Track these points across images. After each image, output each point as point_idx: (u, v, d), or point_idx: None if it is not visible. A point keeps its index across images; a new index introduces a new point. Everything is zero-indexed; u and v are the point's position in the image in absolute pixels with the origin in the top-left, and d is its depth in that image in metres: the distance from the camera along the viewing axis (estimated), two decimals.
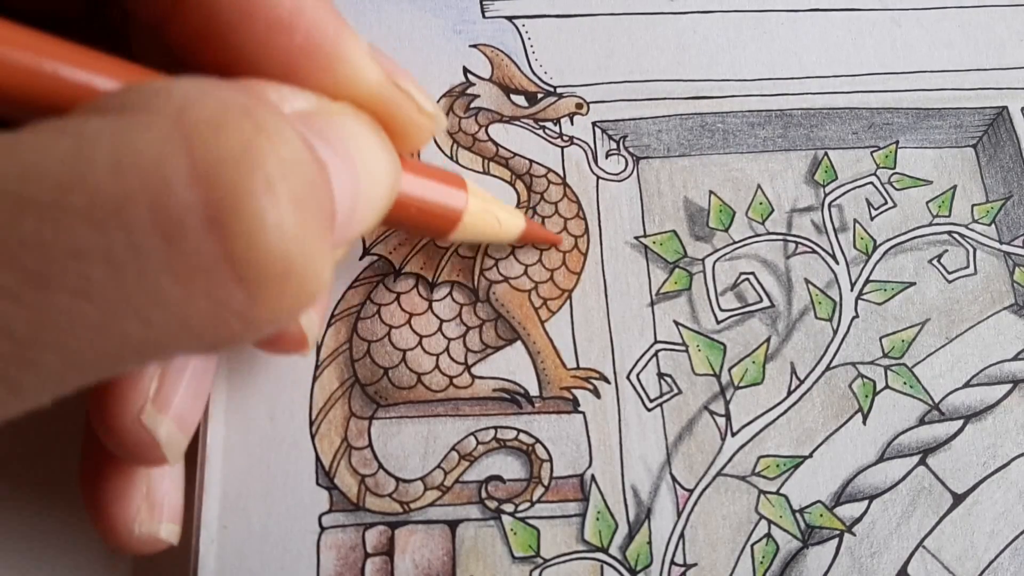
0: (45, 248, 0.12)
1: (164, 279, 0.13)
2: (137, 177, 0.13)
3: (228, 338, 0.15)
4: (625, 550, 0.25)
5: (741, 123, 0.30)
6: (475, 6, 0.31)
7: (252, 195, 0.13)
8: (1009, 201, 0.29)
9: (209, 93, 0.14)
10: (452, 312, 0.27)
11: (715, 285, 0.28)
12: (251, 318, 0.14)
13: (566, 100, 0.30)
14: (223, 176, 0.13)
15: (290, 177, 0.14)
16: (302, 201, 0.14)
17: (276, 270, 0.14)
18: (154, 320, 0.13)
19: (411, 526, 0.25)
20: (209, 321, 0.14)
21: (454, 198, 0.24)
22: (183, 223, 0.13)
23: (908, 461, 0.26)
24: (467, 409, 0.26)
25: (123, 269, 0.13)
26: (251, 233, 0.13)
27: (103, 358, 0.14)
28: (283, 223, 0.14)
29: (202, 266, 0.13)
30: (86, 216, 0.13)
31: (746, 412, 0.26)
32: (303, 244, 0.14)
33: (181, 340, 0.14)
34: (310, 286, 0.15)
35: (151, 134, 0.13)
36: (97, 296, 0.13)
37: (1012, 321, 0.28)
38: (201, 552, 0.24)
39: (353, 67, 0.18)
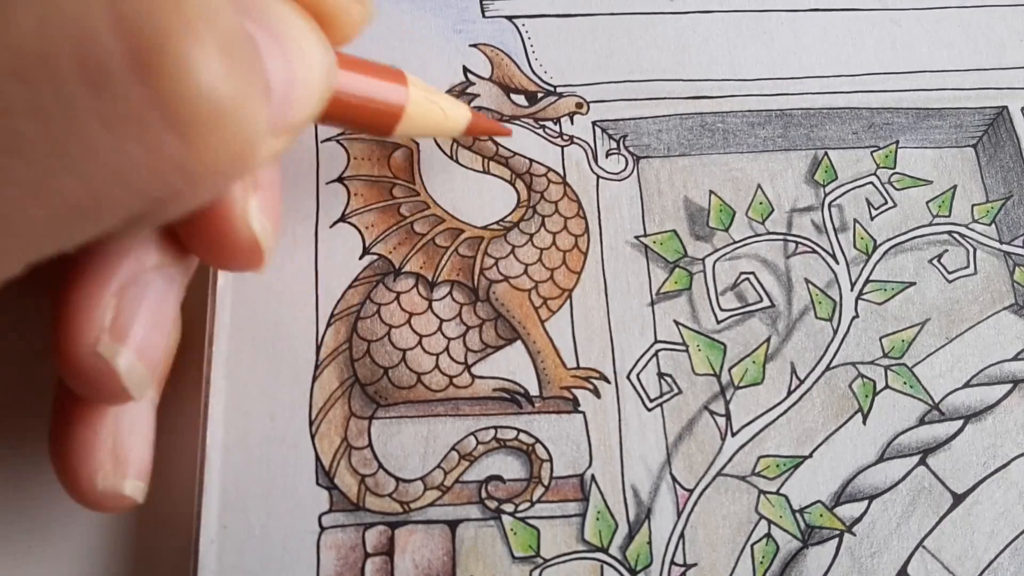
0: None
1: (94, 128, 0.13)
2: (60, 29, 0.13)
3: (167, 190, 0.15)
4: (625, 550, 0.25)
5: (741, 123, 0.30)
6: (475, 5, 0.31)
7: (177, 37, 0.13)
8: (1009, 201, 0.29)
9: None
10: (452, 312, 0.27)
11: (715, 285, 0.28)
12: (188, 168, 0.14)
13: (566, 99, 0.30)
14: (146, 21, 0.13)
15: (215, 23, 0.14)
16: (229, 48, 0.14)
17: (206, 113, 0.14)
18: (89, 174, 0.13)
19: (411, 526, 0.25)
20: (145, 171, 0.14)
21: (395, 92, 0.24)
22: (108, 69, 0.13)
23: (908, 461, 0.26)
24: (467, 409, 0.26)
25: (52, 121, 0.13)
26: (178, 75, 0.13)
27: (45, 222, 0.14)
28: (210, 65, 0.14)
29: (131, 111, 0.13)
30: (11, 71, 0.13)
31: (746, 412, 0.26)
32: (232, 88, 0.14)
33: (120, 195, 0.14)
34: (243, 134, 0.15)
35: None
36: (28, 152, 0.13)
37: (1012, 321, 0.28)
38: (201, 552, 0.24)
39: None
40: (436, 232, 0.28)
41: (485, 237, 0.28)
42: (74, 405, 0.22)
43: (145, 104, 0.13)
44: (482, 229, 0.28)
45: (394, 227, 0.28)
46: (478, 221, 0.28)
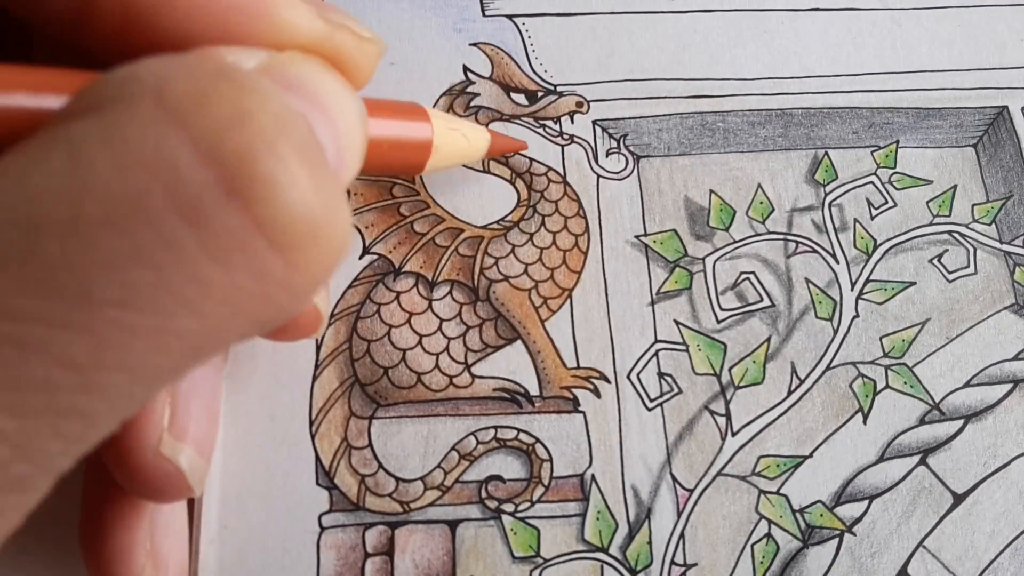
0: (77, 266, 0.12)
1: (203, 264, 0.13)
2: (143, 169, 0.12)
3: (275, 312, 0.14)
4: (625, 550, 0.25)
5: (741, 122, 0.30)
6: (475, 4, 0.31)
7: (260, 158, 0.13)
8: (1009, 201, 0.29)
9: (177, 66, 0.14)
10: (452, 311, 0.27)
11: (715, 284, 0.28)
12: (293, 286, 0.14)
13: (566, 99, 0.30)
14: (226, 146, 0.13)
15: (287, 132, 0.14)
16: (305, 154, 0.14)
17: (305, 228, 0.14)
18: (205, 310, 0.13)
19: (411, 526, 0.25)
20: (255, 297, 0.14)
21: (421, 128, 0.23)
22: (203, 202, 0.13)
23: (908, 461, 0.26)
24: (467, 409, 0.26)
25: (160, 265, 0.12)
26: (272, 196, 0.13)
27: (166, 363, 0.13)
28: (297, 180, 0.13)
29: (236, 241, 0.13)
30: (106, 222, 0.12)
31: (746, 412, 0.26)
32: (321, 197, 0.14)
33: (234, 324, 0.14)
34: (339, 240, 0.14)
35: (139, 122, 0.13)
36: (143, 300, 0.12)
37: (1012, 321, 0.28)
38: (201, 552, 0.24)
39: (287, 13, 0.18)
40: (436, 232, 0.28)
41: (485, 236, 0.28)
42: (109, 507, 0.21)
43: (247, 232, 0.13)
44: (482, 228, 0.28)
45: (394, 227, 0.28)
46: (478, 220, 0.28)
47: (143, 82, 0.13)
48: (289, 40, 0.18)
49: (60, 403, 0.12)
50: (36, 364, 0.12)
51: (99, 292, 0.12)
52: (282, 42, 0.18)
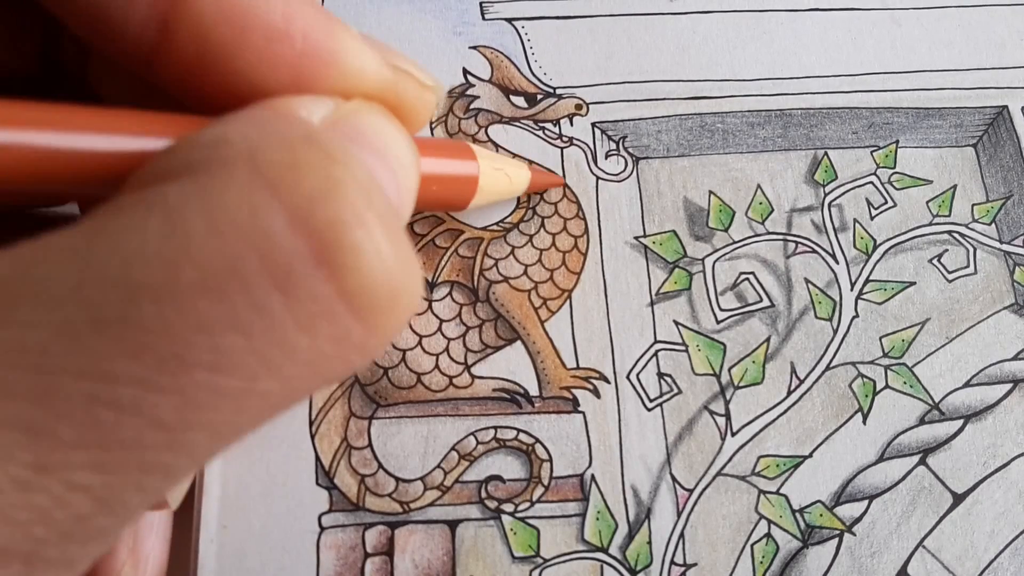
0: (171, 329, 0.12)
1: (290, 331, 0.13)
2: (238, 236, 0.13)
3: (347, 372, 0.15)
4: (625, 550, 0.25)
5: (741, 123, 0.30)
6: (475, 8, 0.31)
7: (349, 227, 0.13)
8: (1009, 200, 0.29)
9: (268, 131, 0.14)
10: (452, 312, 0.27)
11: (715, 285, 0.28)
12: (368, 347, 0.14)
13: (565, 101, 0.30)
14: (318, 214, 0.13)
15: (372, 201, 0.14)
16: (386, 221, 0.14)
17: (386, 295, 0.14)
18: (287, 373, 0.13)
19: (411, 526, 0.25)
20: (333, 361, 0.14)
21: (467, 167, 0.24)
22: (294, 271, 0.13)
23: (908, 461, 0.26)
24: (467, 409, 0.26)
25: (251, 331, 0.13)
26: (358, 266, 0.13)
27: (247, 422, 0.14)
28: (380, 248, 0.14)
29: (322, 310, 0.13)
30: (202, 288, 0.12)
31: (746, 412, 0.26)
32: (401, 262, 0.14)
33: (310, 385, 0.14)
34: (415, 300, 0.15)
35: (234, 189, 0.13)
36: (233, 364, 0.13)
37: (1012, 321, 0.27)
38: (201, 552, 0.24)
39: (354, 60, 0.18)
40: (436, 233, 0.28)
41: (485, 238, 0.28)
42: None
43: (332, 300, 0.13)
44: (482, 230, 0.28)
45: None
46: (478, 222, 0.28)
47: (236, 147, 0.14)
48: (356, 87, 0.18)
49: (146, 461, 0.13)
50: (128, 425, 0.12)
51: (191, 356, 0.12)
52: (349, 88, 0.18)
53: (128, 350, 0.12)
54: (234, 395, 0.13)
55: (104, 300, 0.12)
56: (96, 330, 0.12)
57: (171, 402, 0.12)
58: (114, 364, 0.12)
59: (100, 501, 0.13)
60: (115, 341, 0.12)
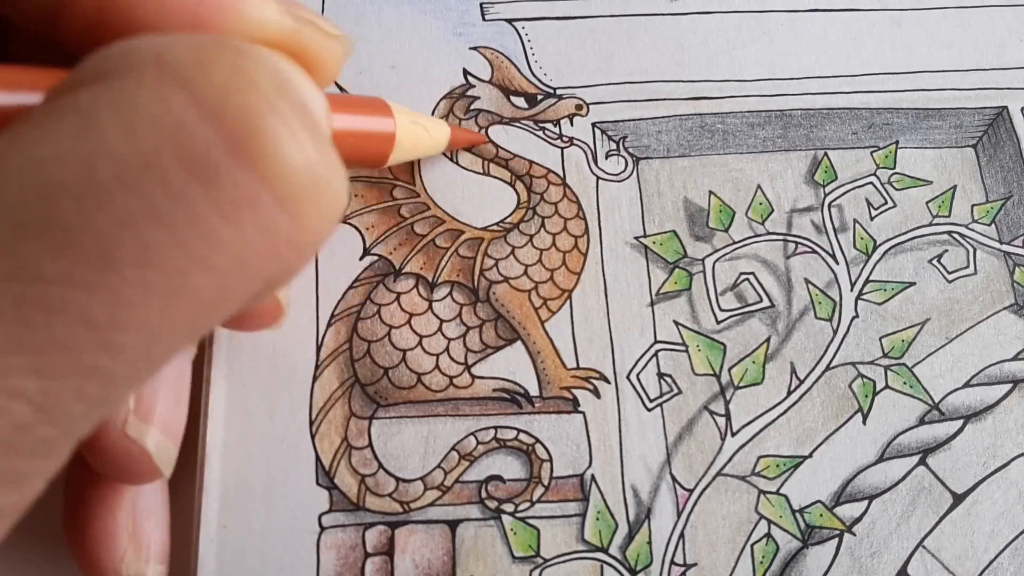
0: (95, 227, 0.12)
1: (215, 221, 0.13)
2: (152, 130, 0.13)
3: (282, 270, 0.15)
4: (625, 550, 0.25)
5: (741, 123, 0.30)
6: (475, 9, 0.31)
7: (262, 116, 0.13)
8: (1009, 201, 0.29)
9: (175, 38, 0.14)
10: (452, 312, 0.27)
11: (715, 285, 0.28)
12: (298, 242, 0.14)
13: (566, 102, 0.30)
14: (229, 105, 0.13)
15: (286, 92, 0.14)
16: (303, 113, 0.14)
17: (309, 184, 0.14)
18: (217, 266, 0.13)
19: (411, 526, 0.25)
20: (264, 255, 0.14)
21: (383, 123, 0.24)
22: (212, 160, 0.13)
23: (908, 461, 0.26)
24: (467, 409, 0.26)
25: (174, 223, 0.13)
26: (276, 152, 0.14)
27: (182, 323, 0.14)
28: (298, 136, 0.14)
29: (244, 197, 0.13)
30: (120, 183, 0.12)
31: (746, 412, 0.26)
32: (321, 152, 0.14)
33: (244, 283, 0.14)
34: (340, 195, 0.15)
35: (145, 87, 0.13)
36: (159, 258, 0.13)
37: (1012, 321, 0.27)
38: (201, 552, 0.24)
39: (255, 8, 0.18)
40: (436, 233, 0.28)
41: (485, 238, 0.28)
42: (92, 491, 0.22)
43: (255, 188, 0.13)
44: (482, 230, 0.28)
45: (394, 228, 0.28)
46: (478, 222, 0.28)
47: (144, 52, 0.14)
48: (256, 35, 0.18)
49: (81, 363, 0.13)
50: (58, 325, 0.12)
51: (116, 251, 0.12)
52: (249, 37, 0.18)
53: (52, 249, 0.12)
54: (164, 291, 0.13)
55: (22, 202, 0.12)
56: (17, 231, 0.12)
57: (100, 299, 0.12)
58: (39, 264, 0.12)
59: (40, 408, 0.13)
60: (37, 241, 0.12)
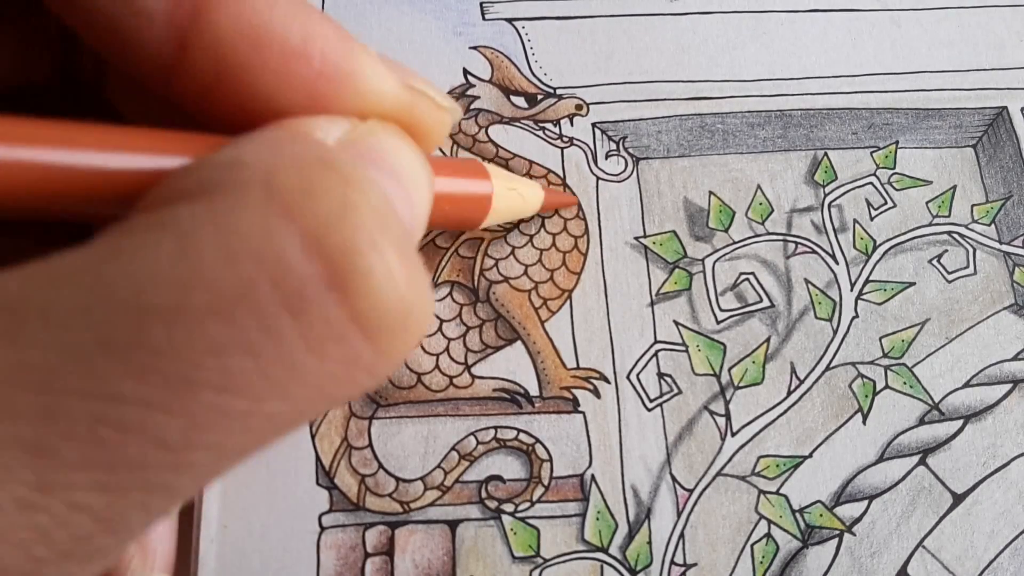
0: (180, 352, 0.12)
1: (299, 353, 0.13)
2: (251, 260, 0.13)
3: (356, 394, 0.15)
4: (625, 550, 0.25)
5: (741, 123, 0.30)
6: (475, 8, 0.31)
7: (362, 252, 0.13)
8: (1009, 201, 0.29)
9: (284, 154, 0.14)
10: (452, 312, 0.27)
11: (715, 285, 0.28)
12: (377, 369, 0.14)
13: (566, 101, 0.30)
14: (332, 239, 0.13)
15: (386, 225, 0.14)
16: (399, 244, 0.14)
17: (397, 318, 0.14)
18: (295, 394, 0.13)
19: (411, 526, 0.25)
20: (341, 381, 0.14)
21: (481, 186, 0.24)
22: (306, 294, 0.13)
23: (908, 461, 0.26)
24: (467, 409, 0.26)
25: (261, 354, 0.13)
26: (370, 289, 0.13)
27: (251, 443, 0.14)
28: (392, 272, 0.14)
29: (332, 332, 0.13)
30: (213, 311, 0.12)
31: (746, 412, 0.26)
32: (413, 285, 0.14)
33: (317, 406, 0.14)
34: (424, 324, 0.15)
35: (248, 212, 0.13)
36: (241, 385, 0.13)
37: (1012, 321, 0.27)
38: (201, 552, 0.24)
39: (372, 81, 0.18)
40: (436, 233, 0.28)
41: (485, 238, 0.28)
42: None
43: (343, 323, 0.13)
44: (482, 230, 0.28)
45: None
46: None
47: (251, 169, 0.14)
48: (372, 107, 0.18)
49: (149, 481, 0.13)
50: (132, 445, 0.12)
51: (199, 377, 0.12)
52: (366, 108, 0.18)
53: (135, 372, 0.12)
54: (241, 416, 0.13)
55: (113, 322, 0.12)
56: (104, 352, 0.12)
57: (177, 423, 0.12)
58: (120, 385, 0.12)
59: (102, 521, 0.13)
60: (122, 363, 0.12)
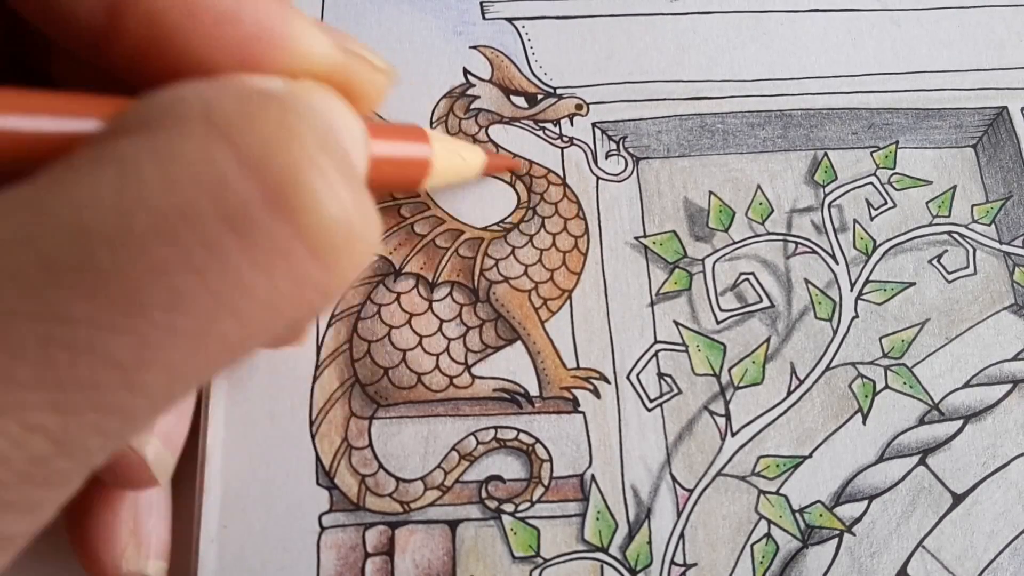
0: (125, 272, 0.12)
1: (246, 270, 0.13)
2: (193, 183, 0.13)
3: (307, 313, 0.15)
4: (625, 550, 0.25)
5: (741, 123, 0.30)
6: (475, 8, 0.31)
7: (303, 169, 0.14)
8: (1009, 201, 0.29)
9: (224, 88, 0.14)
10: (452, 312, 0.27)
11: (715, 285, 0.28)
12: (327, 288, 0.15)
13: (566, 101, 0.30)
14: (271, 158, 0.13)
15: (328, 147, 0.14)
16: (343, 164, 0.14)
17: (343, 235, 0.14)
18: (245, 313, 0.14)
19: (411, 526, 0.25)
20: (291, 300, 0.14)
21: (420, 149, 0.24)
22: (249, 212, 0.13)
23: (908, 461, 0.26)
24: (467, 409, 0.26)
25: (206, 272, 0.13)
26: (314, 205, 0.14)
27: (204, 364, 0.14)
28: (336, 189, 0.14)
29: (278, 248, 0.14)
30: (155, 232, 0.13)
31: (746, 412, 0.26)
32: (358, 204, 0.14)
33: (269, 326, 0.14)
34: (371, 243, 0.15)
35: (190, 140, 0.13)
36: (189, 304, 0.13)
37: (1012, 321, 0.27)
38: (201, 552, 0.24)
39: (305, 43, 0.18)
40: (436, 233, 0.28)
41: (485, 238, 0.28)
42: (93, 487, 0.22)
43: (289, 240, 0.14)
44: (482, 230, 0.28)
45: (395, 228, 0.28)
46: (478, 222, 0.28)
47: (191, 102, 0.14)
48: (306, 68, 0.18)
49: (103, 401, 0.13)
50: (83, 364, 0.12)
51: (146, 297, 0.13)
52: (299, 70, 0.18)
53: (81, 293, 0.12)
54: (191, 335, 0.13)
55: (57, 246, 0.12)
56: (49, 274, 0.12)
57: (127, 341, 0.13)
58: (68, 307, 0.12)
59: (58, 442, 0.13)
60: (68, 285, 0.12)
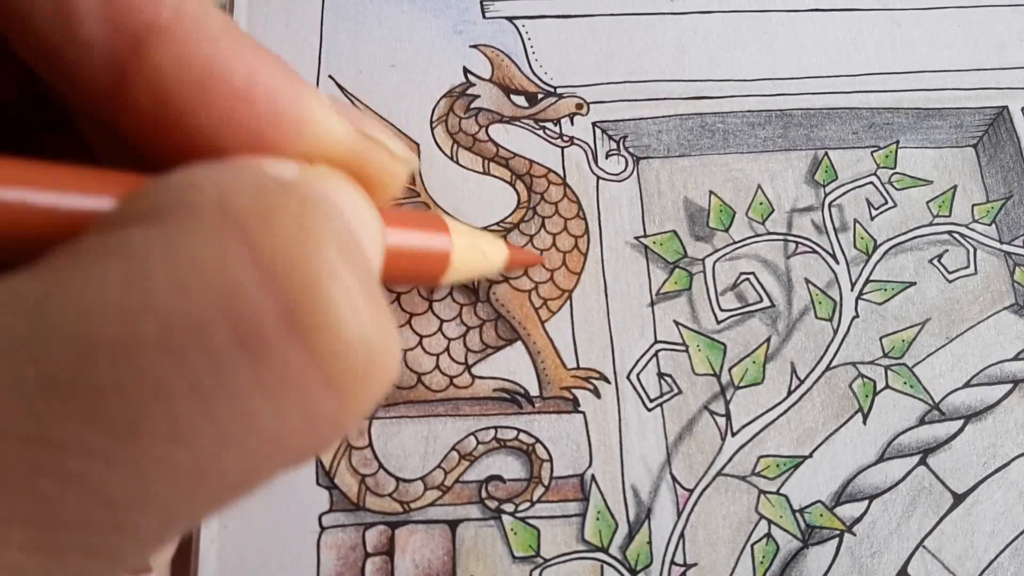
0: (126, 392, 0.11)
1: (256, 399, 0.12)
2: (205, 289, 0.11)
3: (317, 448, 0.13)
4: (625, 550, 0.25)
5: (741, 123, 0.30)
6: (475, 7, 0.31)
7: (323, 282, 0.12)
8: (1009, 201, 0.29)
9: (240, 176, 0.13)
10: (452, 312, 0.27)
11: (715, 285, 0.28)
12: (341, 422, 0.13)
13: (566, 100, 0.30)
14: (290, 267, 0.12)
15: (349, 253, 0.12)
16: (364, 277, 0.13)
17: (362, 363, 0.12)
18: (249, 449, 0.12)
19: (411, 526, 0.25)
20: (302, 436, 0.13)
21: (439, 240, 0.22)
22: (263, 331, 0.11)
23: (908, 461, 0.26)
24: (467, 409, 0.26)
25: (212, 398, 0.11)
26: (332, 326, 0.12)
27: (200, 506, 0.12)
28: (357, 307, 0.12)
29: (291, 376, 0.12)
30: (162, 346, 0.11)
31: (746, 412, 0.26)
32: (379, 324, 0.13)
33: (275, 464, 0.13)
34: (390, 371, 0.13)
35: (203, 235, 0.12)
36: (190, 436, 0.11)
37: (1012, 321, 0.27)
38: (201, 552, 0.24)
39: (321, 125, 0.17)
40: None
41: None
42: None
43: (304, 366, 0.12)
44: (482, 230, 0.28)
45: None
46: (478, 222, 0.28)
47: (205, 192, 0.12)
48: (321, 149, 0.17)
49: (90, 543, 0.11)
50: (72, 500, 0.11)
51: (145, 424, 0.11)
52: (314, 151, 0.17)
53: (80, 415, 0.11)
54: (190, 472, 0.12)
55: (56, 357, 0.11)
56: (46, 390, 0.11)
57: (121, 476, 0.11)
58: (63, 430, 0.11)
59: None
60: (65, 403, 0.11)
